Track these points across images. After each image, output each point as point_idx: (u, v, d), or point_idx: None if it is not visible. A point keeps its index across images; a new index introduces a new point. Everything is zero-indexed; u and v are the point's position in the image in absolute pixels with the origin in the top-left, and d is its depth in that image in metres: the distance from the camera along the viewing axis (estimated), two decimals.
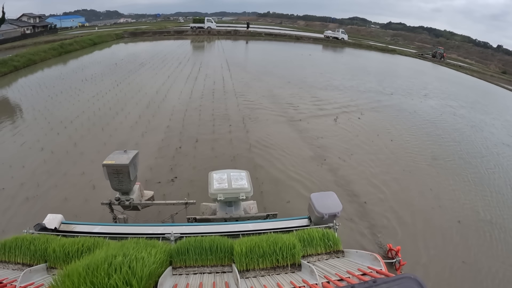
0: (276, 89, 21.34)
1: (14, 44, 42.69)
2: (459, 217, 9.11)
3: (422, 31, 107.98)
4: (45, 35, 57.48)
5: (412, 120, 17.60)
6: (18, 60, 27.19)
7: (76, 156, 11.07)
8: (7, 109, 16.37)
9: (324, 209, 4.43)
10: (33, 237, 3.66)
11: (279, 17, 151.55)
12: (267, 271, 3.29)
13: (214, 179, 5.53)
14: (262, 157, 11.64)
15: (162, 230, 4.30)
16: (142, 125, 13.82)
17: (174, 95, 18.53)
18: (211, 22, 60.93)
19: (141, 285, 2.49)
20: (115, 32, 52.94)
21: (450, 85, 32.12)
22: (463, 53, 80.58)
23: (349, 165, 11.56)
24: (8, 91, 20.12)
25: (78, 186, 9.22)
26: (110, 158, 5.58)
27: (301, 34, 63.14)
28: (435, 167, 12.14)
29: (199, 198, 6.52)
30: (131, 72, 24.67)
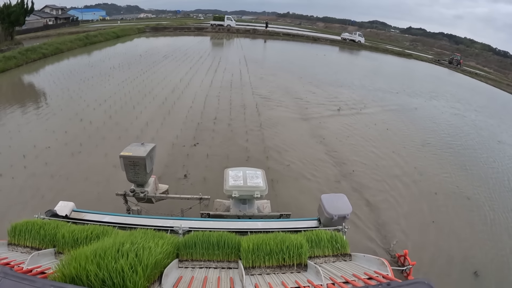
0: (287, 83, 23.59)
1: (38, 34, 45.53)
2: (436, 187, 11.18)
3: (442, 38, 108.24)
4: (67, 27, 60.22)
5: (411, 115, 19.54)
6: (46, 48, 29.91)
7: (112, 125, 13.53)
8: (45, 89, 18.86)
9: (334, 210, 4.53)
10: (43, 222, 3.86)
11: (299, 18, 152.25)
12: (273, 269, 3.38)
13: (230, 176, 5.68)
14: (269, 131, 14.06)
15: (171, 223, 4.46)
16: (168, 105, 16.28)
17: (196, 83, 21.00)
18: (231, 21, 63.63)
19: (146, 272, 2.61)
20: (137, 27, 56.04)
21: (455, 88, 33.61)
22: (482, 61, 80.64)
23: (344, 144, 13.73)
24: (40, 75, 22.95)
25: (116, 147, 11.45)
26: (128, 149, 5.78)
27: (318, 36, 65.17)
28: (422, 151, 14.16)
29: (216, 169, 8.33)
30: (156, 63, 27.30)
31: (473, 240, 8.72)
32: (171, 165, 10.47)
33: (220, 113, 15.71)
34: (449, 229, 9.06)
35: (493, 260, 8.04)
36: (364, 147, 13.66)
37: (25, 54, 26.59)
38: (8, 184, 9.03)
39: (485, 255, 8.18)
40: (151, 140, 12.05)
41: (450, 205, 10.30)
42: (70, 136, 12.30)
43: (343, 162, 12.07)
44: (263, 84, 22.30)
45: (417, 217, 9.42)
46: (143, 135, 12.56)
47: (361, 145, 13.88)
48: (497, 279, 7.47)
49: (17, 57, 25.55)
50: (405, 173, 11.88)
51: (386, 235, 8.32)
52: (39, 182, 9.21)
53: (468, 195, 11.05)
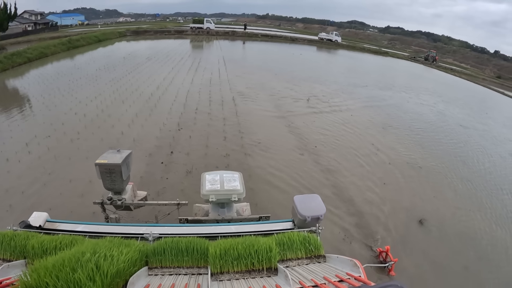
0: (264, 79, 25.87)
1: (19, 40, 46.25)
2: (390, 159, 13.47)
3: (420, 36, 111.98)
4: (46, 32, 60.75)
5: (377, 104, 21.93)
6: (31, 53, 31.30)
7: (105, 117, 15.52)
8: (36, 90, 20.49)
9: (307, 211, 4.55)
10: (14, 234, 3.87)
11: (278, 19, 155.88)
12: (242, 274, 3.39)
13: (206, 180, 5.76)
14: (244, 117, 16.32)
15: (143, 230, 4.48)
16: (154, 100, 18.40)
17: (178, 81, 23.18)
18: (210, 23, 65.56)
19: (106, 281, 2.66)
20: (118, 30, 57.53)
21: (428, 82, 36.27)
22: (459, 57, 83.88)
23: (310, 127, 16.00)
24: (29, 77, 24.56)
25: (110, 133, 13.64)
26: (103, 157, 5.85)
27: (296, 36, 67.87)
28: (382, 133, 16.46)
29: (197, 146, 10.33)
30: (140, 64, 29.35)
31: (422, 197, 10.91)
32: (160, 146, 12.56)
33: (201, 105, 17.84)
34: (398, 188, 11.29)
35: (437, 211, 10.16)
36: (328, 129, 15.96)
37: (10, 59, 27.97)
38: (18, 166, 10.81)
39: (431, 208, 10.29)
40: (141, 127, 14.34)
41: (402, 172, 12.54)
42: (67, 126, 14.15)
43: (308, 141, 14.31)
44: (240, 81, 24.46)
45: (370, 179, 11.60)
46: (133, 124, 14.64)
47: (325, 127, 16.22)
48: (438, 225, 9.50)
49: (3, 61, 26.86)
50: (362, 148, 14.13)
51: (341, 193, 10.53)
52: (45, 163, 11.01)
53: (421, 165, 13.33)
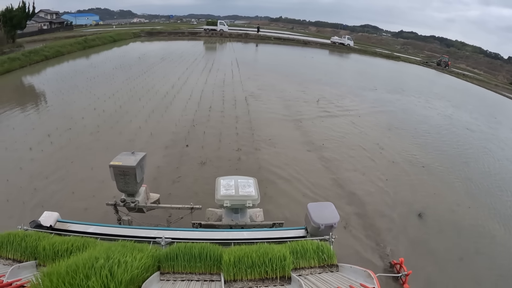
0: (275, 81, 26.61)
1: (34, 38, 47.78)
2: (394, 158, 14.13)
3: (433, 41, 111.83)
4: (61, 31, 62.39)
5: (384, 106, 22.55)
6: (48, 51, 32.63)
7: (123, 112, 16.43)
8: (55, 86, 21.55)
9: (321, 219, 4.54)
10: (25, 234, 3.88)
11: (291, 22, 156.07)
12: (255, 282, 3.38)
13: (221, 185, 5.79)
14: (255, 115, 17.10)
15: (155, 234, 4.49)
16: (169, 98, 19.32)
17: (192, 81, 24.08)
18: (224, 25, 66.85)
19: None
20: (132, 31, 58.92)
21: (438, 87, 36.65)
22: (471, 63, 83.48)
23: (318, 126, 16.73)
24: (47, 74, 25.86)
25: (128, 127, 14.52)
26: (117, 159, 5.89)
27: (308, 39, 68.67)
28: (387, 133, 17.10)
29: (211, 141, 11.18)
30: (154, 64, 30.36)
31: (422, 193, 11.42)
32: (176, 140, 13.43)
33: (214, 104, 18.65)
34: (400, 184, 11.83)
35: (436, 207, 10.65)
36: (334, 129, 16.66)
37: (28, 56, 29.13)
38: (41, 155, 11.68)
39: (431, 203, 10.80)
40: (157, 122, 15.24)
41: (405, 170, 13.07)
42: (86, 121, 15.07)
43: (315, 139, 15.05)
44: (252, 82, 25.23)
45: (374, 175, 12.24)
46: (150, 119, 15.54)
47: (333, 127, 16.89)
48: (436, 218, 10.01)
49: (21, 58, 28.06)
50: (367, 147, 14.79)
51: (344, 186, 11.23)
52: (66, 152, 11.88)
53: (424, 164, 13.87)
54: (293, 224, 7.16)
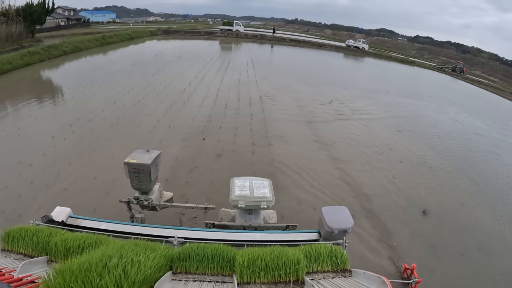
0: (289, 82, 27.22)
1: (52, 34, 49.25)
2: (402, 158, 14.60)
3: (449, 46, 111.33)
4: (78, 27, 64.52)
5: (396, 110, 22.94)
6: (66, 46, 33.98)
7: (142, 106, 17.20)
8: (75, 80, 22.50)
9: (335, 224, 4.54)
10: (37, 229, 3.91)
11: (307, 25, 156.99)
12: (268, 285, 3.38)
13: (236, 186, 5.80)
14: (269, 114, 17.71)
15: (167, 233, 4.51)
16: (187, 94, 20.08)
17: (208, 79, 24.86)
18: (240, 26, 68.05)
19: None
20: (149, 29, 60.30)
21: (452, 93, 36.61)
22: (487, 70, 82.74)
23: (329, 126, 17.29)
24: (66, 68, 26.94)
25: (147, 120, 15.26)
26: (132, 156, 5.92)
27: (324, 42, 68.92)
28: (397, 134, 17.55)
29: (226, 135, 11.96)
30: (171, 62, 31.24)
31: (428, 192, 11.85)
32: (193, 133, 14.12)
33: (230, 101, 19.33)
34: (406, 182, 12.28)
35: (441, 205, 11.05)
36: (346, 129, 17.17)
37: (47, 51, 30.33)
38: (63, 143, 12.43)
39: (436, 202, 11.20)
40: (175, 117, 15.95)
41: (412, 169, 13.48)
42: (107, 113, 15.85)
43: (326, 137, 15.59)
44: (267, 82, 25.83)
45: (381, 173, 12.71)
46: (168, 113, 16.28)
47: (343, 127, 17.44)
48: (440, 215, 10.44)
49: (40, 53, 29.22)
50: (376, 147, 15.29)
51: (351, 182, 11.75)
52: (88, 142, 12.60)
53: (431, 166, 14.26)
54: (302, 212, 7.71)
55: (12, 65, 24.31)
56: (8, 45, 33.72)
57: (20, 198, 8.79)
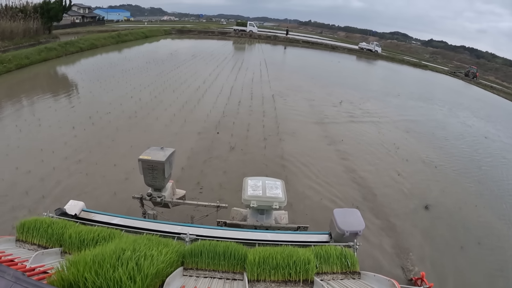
0: (301, 82, 27.95)
1: (67, 31, 50.57)
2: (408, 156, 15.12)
3: (463, 51, 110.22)
4: (93, 25, 65.32)
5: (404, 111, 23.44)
6: (83, 43, 35.15)
7: (158, 102, 18.05)
8: (91, 75, 23.51)
9: (346, 226, 4.58)
10: (51, 221, 4.03)
11: (320, 27, 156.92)
12: (278, 284, 3.44)
13: (248, 185, 5.86)
14: (281, 111, 18.42)
15: (179, 230, 4.56)
16: (201, 91, 20.90)
17: (222, 77, 25.70)
18: (253, 26, 68.97)
19: (146, 282, 2.70)
20: (163, 28, 61.57)
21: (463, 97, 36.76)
22: (501, 75, 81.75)
23: (340, 125, 17.89)
24: (85, 65, 27.88)
25: (164, 114, 16.04)
26: (147, 153, 6.02)
27: (336, 44, 69.43)
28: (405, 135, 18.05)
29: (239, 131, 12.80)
30: (186, 60, 32.16)
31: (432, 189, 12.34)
32: (207, 127, 14.88)
33: (243, 99, 20.08)
34: (411, 178, 12.83)
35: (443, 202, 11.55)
36: (355, 128, 17.77)
37: (64, 47, 31.51)
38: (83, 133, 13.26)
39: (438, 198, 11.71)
40: (192, 109, 16.83)
41: (418, 167, 13.99)
42: (124, 106, 16.68)
43: (335, 135, 16.23)
44: (280, 82, 26.48)
45: (387, 170, 13.24)
46: (184, 109, 17.08)
47: (352, 126, 18.05)
48: (442, 211, 10.95)
49: (57, 49, 30.36)
50: (384, 145, 15.83)
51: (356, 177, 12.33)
52: (107, 132, 13.42)
53: (437, 165, 14.73)
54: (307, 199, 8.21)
55: (30, 60, 25.34)
56: (25, 40, 34.84)
57: (42, 181, 9.54)
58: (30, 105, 16.33)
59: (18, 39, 34.25)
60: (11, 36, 33.53)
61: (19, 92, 18.08)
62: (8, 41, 32.36)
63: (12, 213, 7.98)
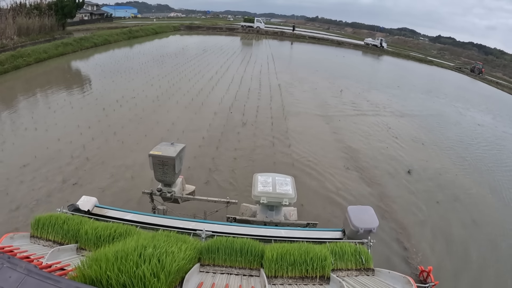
0: (305, 74, 30.65)
1: (78, 28, 52.23)
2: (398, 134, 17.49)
3: (471, 47, 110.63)
4: (101, 22, 67.43)
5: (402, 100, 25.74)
6: (97, 39, 37.82)
7: (177, 89, 20.81)
8: (111, 67, 26.43)
9: (360, 223, 4.72)
10: (67, 217, 4.13)
11: (327, 23, 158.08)
12: (295, 280, 3.55)
13: (259, 182, 5.99)
14: (286, 98, 21.03)
15: (193, 226, 4.78)
16: (215, 80, 23.68)
17: (233, 69, 28.59)
18: (260, 23, 71.55)
19: (169, 279, 2.80)
20: (172, 25, 64.34)
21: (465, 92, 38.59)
22: (509, 72, 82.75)
23: (341, 111, 20.36)
24: (101, 59, 30.77)
25: (183, 99, 18.78)
26: (157, 149, 6.11)
27: (342, 40, 71.93)
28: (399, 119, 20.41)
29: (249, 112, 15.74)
30: (197, 54, 35.04)
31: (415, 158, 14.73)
32: (222, 108, 17.56)
33: (252, 87, 22.81)
34: (398, 150, 15.28)
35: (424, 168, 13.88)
36: (351, 112, 20.34)
37: (79, 42, 34.17)
38: (113, 114, 15.87)
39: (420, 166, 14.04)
40: (207, 95, 19.52)
41: (406, 143, 16.35)
42: (147, 92, 19.37)
43: (334, 116, 18.80)
44: (285, 74, 29.10)
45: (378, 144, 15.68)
46: (200, 94, 19.80)
47: (350, 110, 20.63)
48: (423, 176, 13.21)
49: (73, 44, 33.07)
50: (377, 125, 18.34)
51: (346, 146, 14.79)
52: (135, 112, 16.03)
53: (424, 142, 16.98)
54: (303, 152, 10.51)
55: (48, 54, 27.80)
56: (41, 36, 37.09)
57: (84, 148, 11.99)
58: (57, 93, 18.89)
59: (34, 35, 36.43)
60: (27, 32, 35.60)
61: (44, 83, 20.59)
62: (24, 37, 34.49)
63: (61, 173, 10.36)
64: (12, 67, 22.89)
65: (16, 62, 23.56)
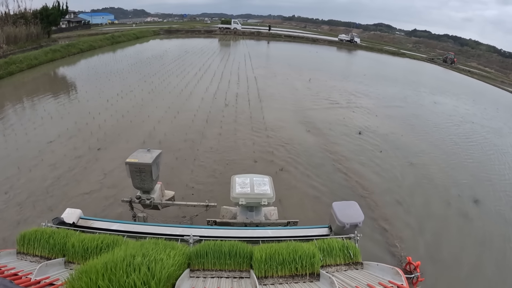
0: (279, 68, 35.16)
1: (59, 35, 54.46)
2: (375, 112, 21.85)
3: (446, 39, 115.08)
4: (79, 29, 69.65)
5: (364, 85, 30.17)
6: (82, 45, 40.84)
7: (167, 83, 25.03)
8: (103, 69, 30.14)
9: (346, 218, 4.85)
10: (52, 231, 4.18)
11: (304, 21, 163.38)
12: (286, 279, 3.69)
13: (236, 183, 6.18)
14: (262, 86, 25.35)
15: (180, 232, 4.86)
16: (199, 75, 28.20)
17: (214, 66, 33.06)
18: (237, 24, 76.14)
19: (159, 286, 2.86)
20: (152, 29, 68.19)
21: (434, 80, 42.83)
22: (483, 61, 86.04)
23: (304, 95, 24.80)
24: (92, 62, 34.44)
25: (174, 91, 23.02)
26: (134, 156, 6.28)
27: (318, 37, 76.80)
28: (364, 98, 24.80)
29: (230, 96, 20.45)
30: (180, 55, 39.38)
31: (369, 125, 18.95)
32: (208, 96, 21.89)
33: (232, 79, 27.24)
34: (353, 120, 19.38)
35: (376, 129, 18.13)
36: (317, 94, 24.80)
37: (66, 48, 36.98)
38: (116, 103, 20.14)
39: (371, 128, 18.25)
40: (194, 86, 23.96)
41: (364, 114, 20.62)
42: (142, 87, 23.45)
43: (301, 97, 23.25)
44: (261, 69, 33.45)
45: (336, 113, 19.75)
46: (188, 86, 24.21)
47: (316, 94, 25.17)
48: (371, 135, 17.16)
49: (61, 50, 35.89)
50: (338, 103, 22.65)
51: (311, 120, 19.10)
52: (135, 102, 20.23)
53: (377, 114, 21.05)
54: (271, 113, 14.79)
55: (38, 61, 30.49)
56: (28, 44, 39.73)
57: (92, 134, 14.60)
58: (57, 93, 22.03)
59: (21, 43, 39.27)
60: (15, 40, 38.48)
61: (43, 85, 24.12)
62: (13, 45, 37.42)
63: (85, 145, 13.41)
64: (6, 73, 25.26)
65: (10, 68, 26.01)
